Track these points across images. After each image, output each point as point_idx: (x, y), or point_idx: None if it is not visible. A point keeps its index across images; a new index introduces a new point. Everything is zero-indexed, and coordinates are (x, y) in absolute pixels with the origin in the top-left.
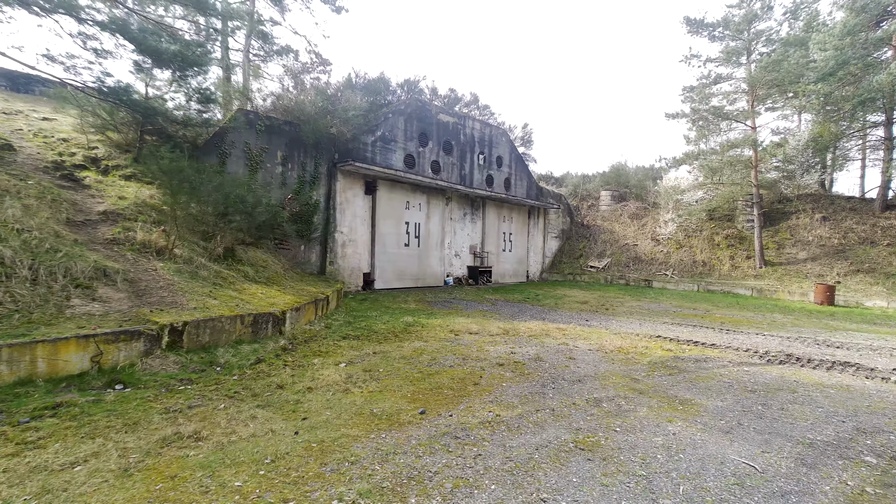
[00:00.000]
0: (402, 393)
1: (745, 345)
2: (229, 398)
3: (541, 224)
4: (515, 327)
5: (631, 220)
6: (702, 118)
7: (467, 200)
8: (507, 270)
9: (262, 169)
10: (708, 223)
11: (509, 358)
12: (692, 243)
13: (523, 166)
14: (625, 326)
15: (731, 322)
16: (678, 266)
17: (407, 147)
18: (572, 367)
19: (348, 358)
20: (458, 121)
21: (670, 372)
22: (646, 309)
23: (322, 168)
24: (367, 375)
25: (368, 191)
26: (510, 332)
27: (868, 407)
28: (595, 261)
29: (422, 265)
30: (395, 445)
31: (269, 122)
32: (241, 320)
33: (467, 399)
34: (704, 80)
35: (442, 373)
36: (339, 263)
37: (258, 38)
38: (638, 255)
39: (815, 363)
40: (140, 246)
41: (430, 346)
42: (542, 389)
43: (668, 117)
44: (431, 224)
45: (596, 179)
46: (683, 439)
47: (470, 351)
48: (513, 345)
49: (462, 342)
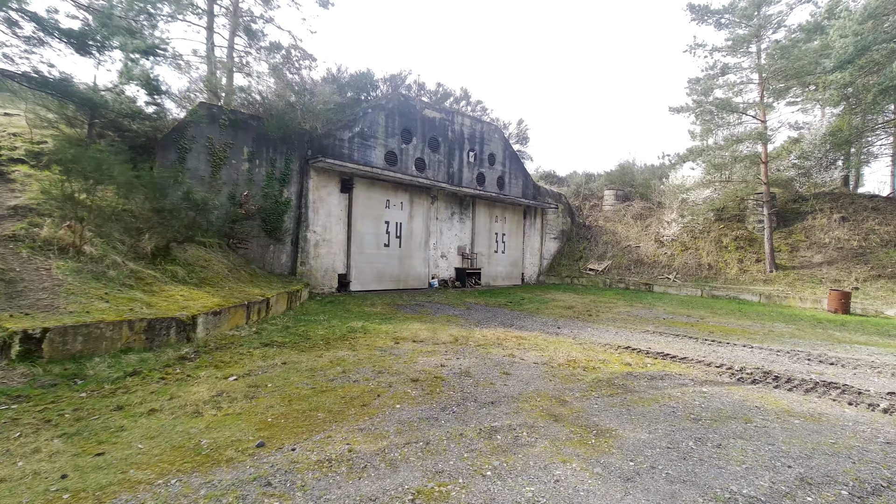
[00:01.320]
0: (264, 417)
1: (722, 359)
2: (42, 423)
3: (538, 224)
4: (470, 335)
5: (634, 220)
6: (707, 112)
7: (455, 199)
8: (499, 273)
9: (227, 165)
10: (716, 224)
11: (433, 372)
12: (698, 245)
13: (518, 164)
14: (597, 335)
15: (722, 332)
16: (682, 269)
17: (388, 144)
18: (499, 384)
19: (248, 369)
20: (446, 116)
21: (612, 392)
22: (633, 316)
23: (294, 165)
24: (245, 393)
25: (344, 189)
26: (460, 341)
27: (833, 445)
28: (595, 263)
29: (403, 267)
30: (175, 496)
31: (233, 116)
32: (129, 326)
33: (337, 425)
34: (710, 71)
35: (338, 389)
36: (312, 264)
37: (245, 34)
38: (640, 258)
39: (793, 383)
40: (43, 243)
41: (355, 355)
42: (439, 414)
43: (673, 111)
44: (414, 224)
45: (600, 178)
46: (563, 491)
47: (395, 363)
48: (451, 356)
49: (396, 352)
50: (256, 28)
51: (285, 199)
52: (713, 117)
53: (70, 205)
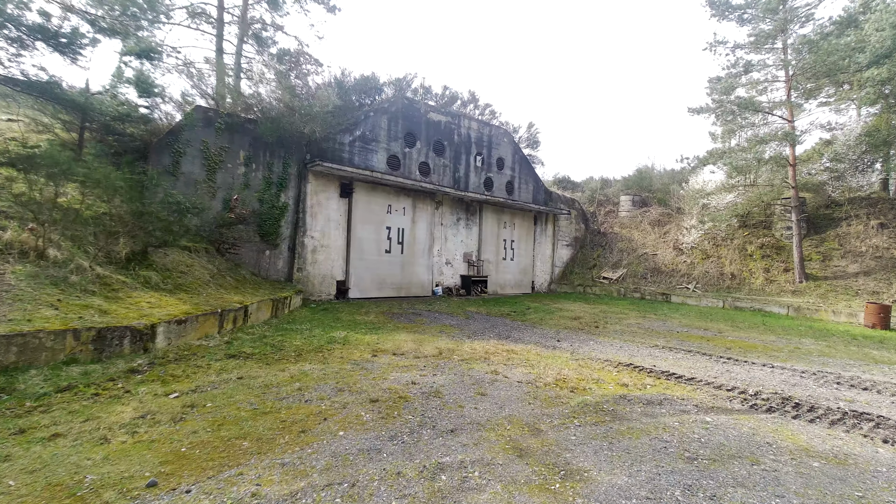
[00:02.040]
0: (178, 446)
1: (735, 380)
2: None
3: (549, 231)
4: (458, 348)
5: (652, 227)
6: (729, 112)
7: (461, 205)
8: (508, 281)
9: (222, 169)
10: (739, 231)
11: (400, 391)
12: (720, 253)
13: (529, 169)
14: (598, 350)
15: (741, 348)
16: (703, 279)
17: (391, 148)
18: (469, 407)
19: (196, 385)
20: (452, 120)
21: (597, 420)
22: (644, 328)
23: (291, 169)
24: (175, 414)
25: (344, 193)
26: (444, 354)
27: (860, 500)
28: (609, 271)
29: (406, 273)
30: None
31: (229, 119)
32: (74, 335)
33: (259, 457)
34: (732, 69)
35: (282, 411)
36: (309, 270)
37: (255, 41)
38: (657, 266)
39: (816, 413)
40: (4, 246)
41: (322, 370)
42: (385, 444)
43: (692, 112)
44: (418, 229)
45: (617, 184)
46: None
47: (363, 379)
48: (428, 371)
49: (369, 366)
50: (267, 35)
51: (282, 204)
52: (735, 117)
53: (35, 206)
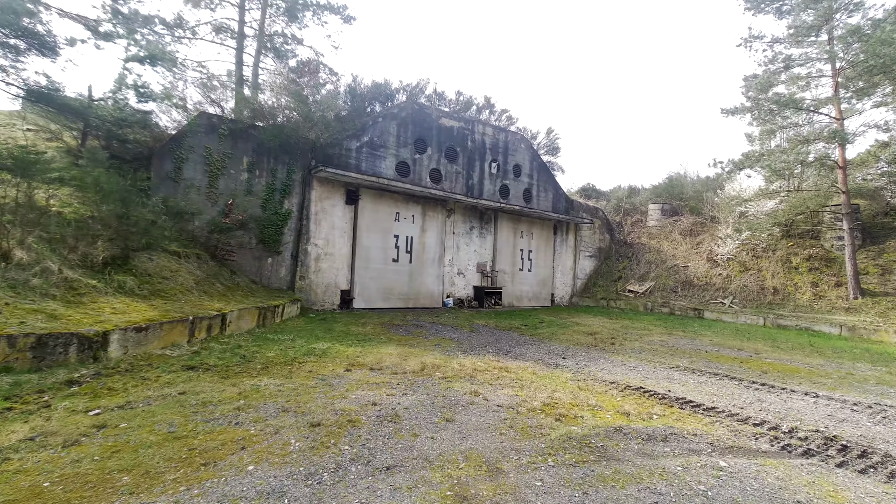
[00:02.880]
0: (43, 480)
1: (766, 412)
2: None
3: (570, 241)
4: (446, 363)
5: (683, 237)
6: (767, 111)
7: (475, 213)
8: (525, 293)
9: (225, 175)
10: (782, 241)
11: (352, 413)
12: (760, 265)
13: (548, 176)
14: (606, 370)
15: (780, 372)
16: (741, 293)
17: (400, 154)
18: (424, 436)
19: (128, 400)
20: (465, 125)
21: (578, 459)
22: (668, 347)
23: (296, 175)
24: (71, 437)
25: (350, 200)
26: (426, 371)
27: None
28: (635, 284)
29: (414, 284)
30: None
31: (233, 125)
32: (9, 342)
33: (128, 499)
34: (770, 65)
35: (200, 436)
36: (312, 279)
37: (272, 52)
38: (689, 279)
39: (870, 461)
40: None
41: (279, 385)
42: (295, 485)
43: (726, 114)
44: (427, 238)
45: (645, 192)
46: None
47: (319, 397)
48: (400, 390)
49: (335, 382)
50: (287, 48)
51: (286, 211)
52: (774, 117)
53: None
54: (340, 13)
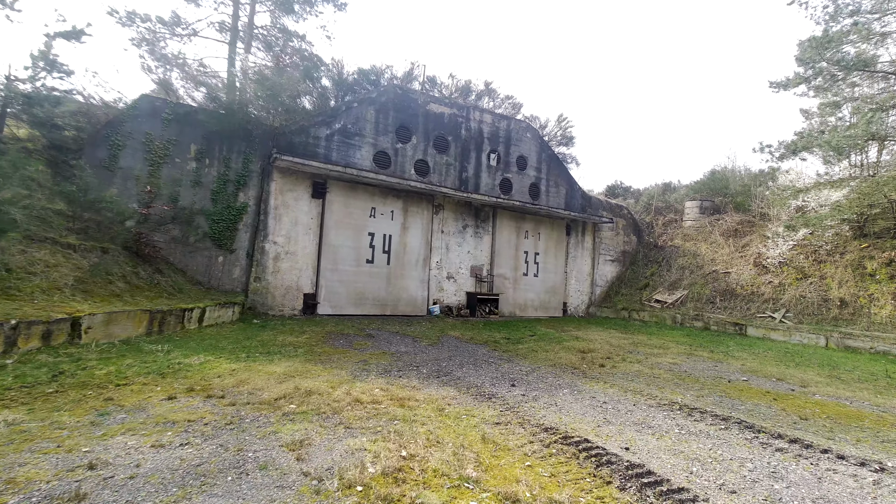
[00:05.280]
0: None
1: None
2: None
3: (587, 243)
4: (333, 390)
5: (725, 238)
6: (828, 76)
7: (469, 209)
8: (530, 301)
9: (168, 164)
10: (854, 242)
11: (22, 484)
12: (824, 272)
13: (560, 169)
14: (559, 408)
15: (831, 418)
16: (796, 306)
17: (379, 143)
18: None
19: None
20: (458, 112)
21: None
22: (677, 373)
23: (253, 165)
24: None
25: (317, 194)
26: (288, 399)
27: None
28: (664, 293)
29: (393, 288)
30: None
31: (179, 109)
32: None
33: None
34: (832, 23)
35: None
36: (270, 280)
37: (262, 45)
38: (730, 288)
39: None
40: None
41: (25, 422)
42: None
43: (775, 87)
44: (410, 237)
45: (682, 189)
46: None
47: (41, 449)
48: (189, 436)
49: (119, 419)
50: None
51: (241, 204)
52: (838, 84)
53: None
54: (333, 1)
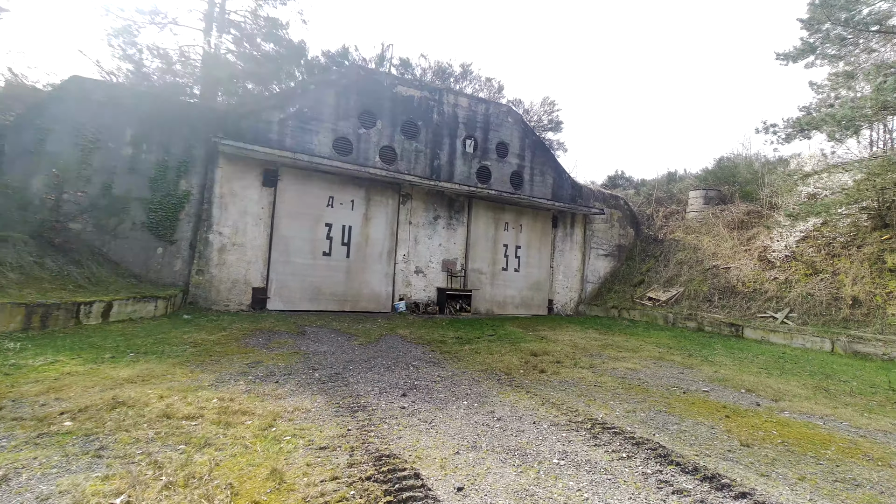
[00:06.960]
0: None
1: None
2: None
3: (577, 236)
4: (158, 401)
5: (729, 230)
6: (838, 41)
7: (441, 199)
8: (510, 298)
9: (101, 150)
10: (874, 233)
11: None
12: (837, 266)
13: (546, 157)
14: (436, 429)
15: (784, 444)
16: (803, 304)
17: (339, 128)
18: None
19: None
20: (430, 95)
21: None
22: (631, 379)
23: (197, 151)
24: None
25: (269, 182)
26: (98, 409)
27: None
28: (658, 290)
29: (353, 283)
30: None
31: (114, 92)
32: None
33: None
34: None
35: None
36: (214, 273)
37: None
38: (731, 284)
39: None
40: None
41: None
42: None
43: (782, 59)
44: (372, 228)
45: (688, 179)
46: None
47: None
48: None
49: None
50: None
51: (183, 193)
52: (850, 50)
53: None
54: None
